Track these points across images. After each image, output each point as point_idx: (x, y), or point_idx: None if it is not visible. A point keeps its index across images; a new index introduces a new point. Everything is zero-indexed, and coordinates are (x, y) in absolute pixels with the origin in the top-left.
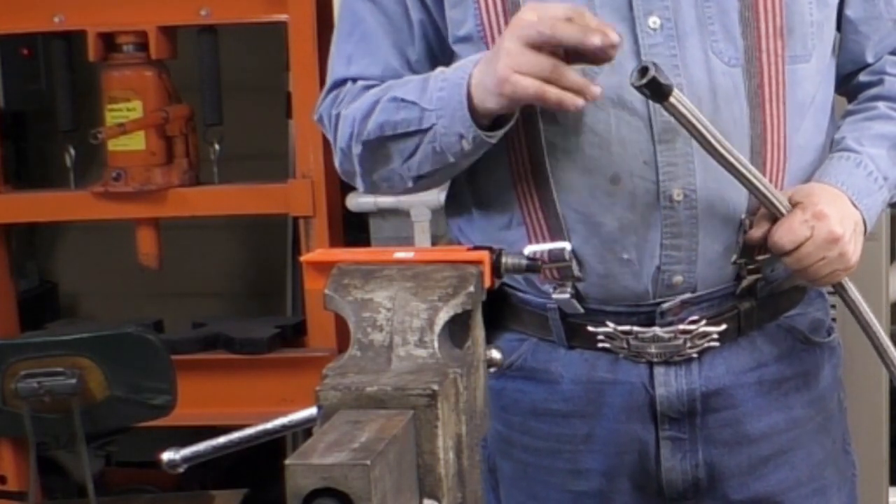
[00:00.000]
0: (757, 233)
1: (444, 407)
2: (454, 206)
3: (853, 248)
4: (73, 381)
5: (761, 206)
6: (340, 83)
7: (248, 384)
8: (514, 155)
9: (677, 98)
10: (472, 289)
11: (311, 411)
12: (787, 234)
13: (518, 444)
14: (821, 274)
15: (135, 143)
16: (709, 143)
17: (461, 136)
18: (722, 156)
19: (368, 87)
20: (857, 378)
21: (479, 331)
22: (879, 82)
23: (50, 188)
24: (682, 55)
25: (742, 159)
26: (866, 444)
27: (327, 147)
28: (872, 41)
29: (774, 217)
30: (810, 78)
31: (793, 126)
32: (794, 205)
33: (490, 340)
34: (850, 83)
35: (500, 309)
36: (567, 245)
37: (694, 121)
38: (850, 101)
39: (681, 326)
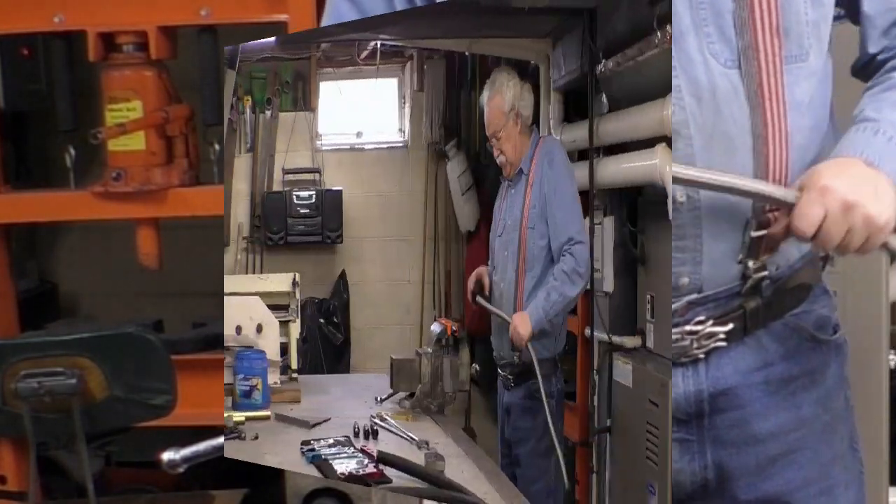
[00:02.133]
0: (777, 227)
1: None
2: None
3: (878, 209)
4: (73, 381)
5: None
6: None
7: None
8: None
9: (677, 172)
10: None
11: None
12: (802, 219)
13: None
14: (855, 244)
15: (135, 143)
16: (717, 188)
17: None
18: (730, 189)
19: None
20: (858, 378)
21: None
22: (894, 56)
23: (50, 188)
24: (680, 56)
25: (743, 179)
26: (866, 444)
27: None
28: (888, 26)
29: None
30: (808, 77)
31: (793, 125)
32: (800, 190)
33: None
34: (871, 65)
35: None
36: None
37: (697, 180)
38: (867, 80)
39: (687, 327)
